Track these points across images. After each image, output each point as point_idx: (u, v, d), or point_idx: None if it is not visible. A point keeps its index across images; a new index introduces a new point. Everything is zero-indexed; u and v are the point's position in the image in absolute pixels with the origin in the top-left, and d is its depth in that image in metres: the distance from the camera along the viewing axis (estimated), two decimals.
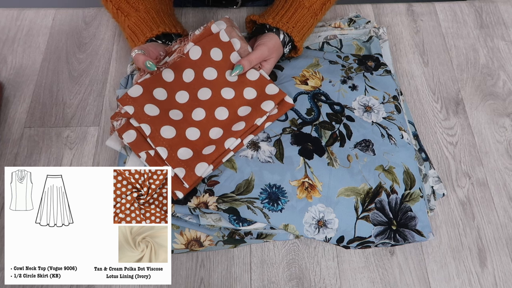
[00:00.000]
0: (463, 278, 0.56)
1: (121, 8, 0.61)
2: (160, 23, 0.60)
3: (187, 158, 0.53)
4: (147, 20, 0.60)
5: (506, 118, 0.68)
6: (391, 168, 0.56)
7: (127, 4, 0.61)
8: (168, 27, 0.60)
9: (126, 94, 0.56)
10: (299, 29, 0.62)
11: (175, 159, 0.53)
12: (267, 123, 0.57)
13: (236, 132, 0.55)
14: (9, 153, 0.62)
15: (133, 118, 0.55)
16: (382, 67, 0.67)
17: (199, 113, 0.57)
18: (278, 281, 0.55)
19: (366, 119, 0.61)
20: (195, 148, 0.54)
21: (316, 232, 0.52)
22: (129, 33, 0.61)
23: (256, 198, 0.53)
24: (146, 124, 0.54)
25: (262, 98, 0.58)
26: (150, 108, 0.55)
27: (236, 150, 0.55)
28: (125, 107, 0.55)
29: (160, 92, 0.57)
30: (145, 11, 0.60)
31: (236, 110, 0.58)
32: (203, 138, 0.56)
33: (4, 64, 0.69)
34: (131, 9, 0.61)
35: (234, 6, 0.77)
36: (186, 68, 0.59)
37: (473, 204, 0.61)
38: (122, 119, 0.56)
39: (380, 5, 0.79)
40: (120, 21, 0.62)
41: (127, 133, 0.55)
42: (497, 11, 0.79)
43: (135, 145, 0.54)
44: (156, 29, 0.59)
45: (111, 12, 0.63)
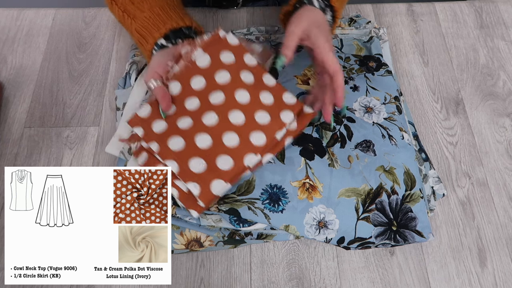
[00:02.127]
0: (463, 278, 0.56)
1: (127, 11, 0.60)
2: (166, 19, 0.57)
3: (200, 171, 0.50)
4: (153, 18, 0.58)
5: (506, 118, 0.68)
6: (391, 169, 0.56)
7: (132, 5, 0.59)
8: (175, 21, 0.57)
9: (136, 114, 0.54)
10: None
11: (187, 172, 0.50)
12: (287, 139, 0.54)
13: (256, 148, 0.51)
14: (9, 153, 0.62)
15: (143, 141, 0.53)
16: (383, 67, 0.67)
17: (210, 117, 0.53)
18: (278, 281, 0.55)
19: (367, 120, 0.61)
20: (208, 158, 0.51)
21: (316, 233, 0.52)
22: (138, 37, 0.59)
23: (257, 198, 0.52)
24: (154, 141, 0.52)
25: (280, 107, 0.54)
26: (158, 125, 0.53)
27: (254, 169, 0.53)
28: (134, 129, 0.53)
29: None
30: (150, 10, 0.58)
31: (253, 115, 0.53)
32: (216, 145, 0.51)
33: (4, 64, 0.69)
34: (137, 10, 0.59)
35: (234, 7, 0.77)
36: (194, 75, 0.55)
37: (473, 204, 0.61)
38: (136, 141, 0.55)
39: (380, 5, 0.79)
40: (127, 25, 0.61)
41: (140, 156, 0.53)
42: (497, 11, 0.79)
43: (147, 166, 0.52)
44: (163, 26, 0.56)
45: (117, 15, 0.62)
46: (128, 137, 0.56)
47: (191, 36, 0.59)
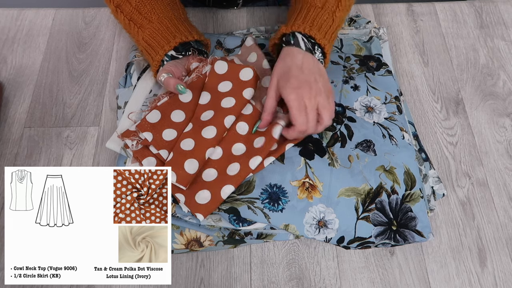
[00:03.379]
0: (463, 278, 0.56)
1: (134, 20, 0.60)
2: (175, 33, 0.58)
3: (211, 179, 0.53)
4: (162, 31, 0.58)
5: (506, 118, 0.68)
6: (392, 169, 0.56)
7: (139, 15, 0.59)
8: (184, 35, 0.58)
9: (145, 119, 0.55)
10: (318, 27, 0.57)
11: (198, 180, 0.53)
12: (288, 144, 0.55)
13: (258, 150, 0.54)
14: (9, 153, 0.62)
15: (152, 146, 0.54)
16: (384, 67, 0.67)
17: (217, 129, 0.55)
18: (278, 281, 0.55)
19: (368, 119, 0.61)
20: (220, 168, 0.54)
21: (316, 232, 0.52)
22: (145, 46, 0.59)
23: (256, 198, 0.53)
24: (164, 149, 0.54)
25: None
26: (169, 133, 0.55)
27: (256, 171, 0.54)
28: (143, 134, 0.54)
29: (178, 114, 0.57)
30: (158, 22, 0.59)
31: (252, 142, 0.56)
32: (226, 155, 0.55)
33: (4, 64, 0.69)
34: (144, 20, 0.59)
35: (234, 7, 0.77)
36: (204, 89, 0.59)
37: (473, 204, 0.61)
38: (136, 138, 0.56)
39: (380, 5, 0.79)
40: (133, 33, 0.61)
41: (147, 159, 0.54)
42: (497, 11, 0.79)
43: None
44: (173, 40, 0.57)
45: (123, 23, 0.61)
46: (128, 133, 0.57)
47: (199, 49, 0.61)
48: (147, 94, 0.62)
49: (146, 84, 0.63)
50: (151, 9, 0.59)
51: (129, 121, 0.58)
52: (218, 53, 0.68)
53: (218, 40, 0.69)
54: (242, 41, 0.69)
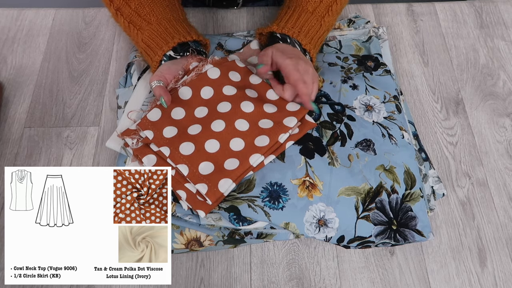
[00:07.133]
0: (463, 278, 0.56)
1: (133, 22, 0.61)
2: (174, 33, 0.59)
3: (208, 172, 0.52)
4: (161, 32, 0.59)
5: (506, 118, 0.68)
6: (392, 168, 0.56)
7: (138, 17, 0.60)
8: (183, 35, 0.59)
9: (146, 118, 0.56)
10: (305, 33, 0.61)
11: (197, 174, 0.52)
12: (288, 143, 0.56)
13: (260, 148, 0.54)
14: (9, 153, 0.62)
15: (153, 143, 0.55)
16: (382, 67, 0.67)
17: (218, 124, 0.56)
18: (278, 281, 0.55)
19: (367, 118, 0.61)
20: (216, 161, 0.53)
21: (316, 231, 0.52)
22: (144, 47, 0.60)
23: (257, 196, 0.53)
24: (165, 146, 0.54)
25: (284, 114, 0.57)
26: (169, 130, 0.56)
27: (257, 169, 0.54)
28: (144, 132, 0.55)
29: (178, 111, 0.58)
30: (157, 23, 0.60)
31: (257, 122, 0.56)
32: (224, 150, 0.54)
33: (4, 64, 0.69)
34: (143, 22, 0.60)
35: (234, 7, 0.77)
36: (204, 85, 0.59)
37: (473, 204, 0.61)
38: (137, 137, 0.56)
39: (380, 5, 0.79)
40: (133, 35, 0.62)
41: (147, 157, 0.54)
42: (497, 11, 0.79)
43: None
44: (171, 40, 0.58)
45: (123, 26, 0.62)
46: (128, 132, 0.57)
47: (198, 49, 0.62)
48: (147, 94, 0.62)
49: (146, 84, 0.63)
50: (150, 11, 0.60)
51: (129, 120, 0.59)
52: (218, 53, 0.68)
53: (219, 42, 0.69)
54: (243, 44, 0.69)
